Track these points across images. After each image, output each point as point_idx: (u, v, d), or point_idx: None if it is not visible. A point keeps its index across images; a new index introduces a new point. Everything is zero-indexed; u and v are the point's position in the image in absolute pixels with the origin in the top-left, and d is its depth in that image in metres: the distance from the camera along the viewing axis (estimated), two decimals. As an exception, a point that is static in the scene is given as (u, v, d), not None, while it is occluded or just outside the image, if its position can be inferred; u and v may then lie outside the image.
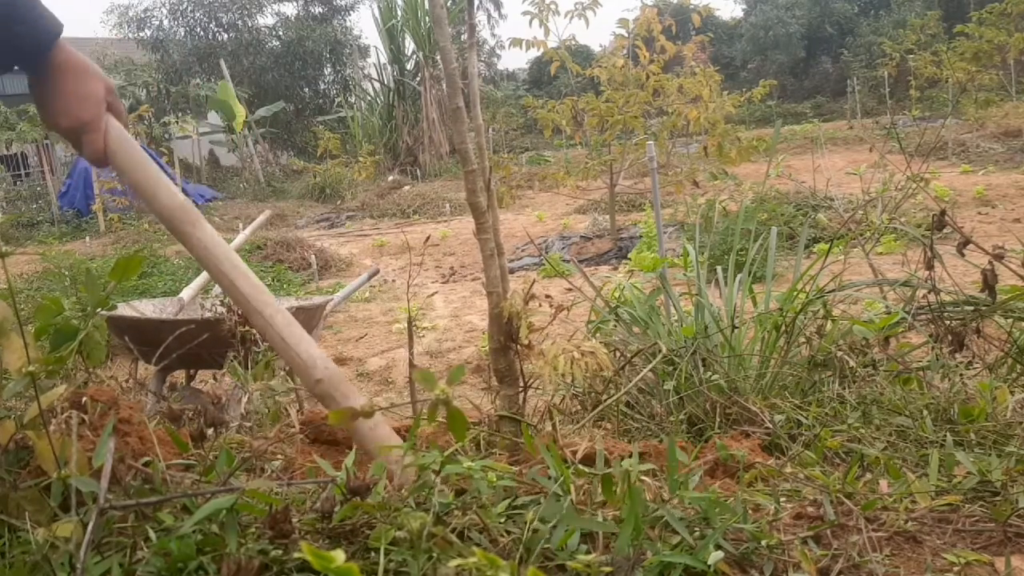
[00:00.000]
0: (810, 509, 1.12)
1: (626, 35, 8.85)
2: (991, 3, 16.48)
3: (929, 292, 2.16)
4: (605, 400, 2.06)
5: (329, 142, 17.90)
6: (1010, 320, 2.07)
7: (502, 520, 0.99)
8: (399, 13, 21.92)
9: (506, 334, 1.67)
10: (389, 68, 22.62)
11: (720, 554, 0.94)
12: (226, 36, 26.08)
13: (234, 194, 19.32)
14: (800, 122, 23.26)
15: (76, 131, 1.24)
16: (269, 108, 22.58)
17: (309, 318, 3.34)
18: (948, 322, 2.08)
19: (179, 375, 3.40)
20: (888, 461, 1.33)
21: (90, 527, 0.82)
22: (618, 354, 2.45)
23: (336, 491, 0.99)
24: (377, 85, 23.13)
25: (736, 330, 2.47)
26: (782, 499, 1.17)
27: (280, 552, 0.87)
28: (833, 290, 2.36)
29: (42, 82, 1.24)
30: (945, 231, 2.18)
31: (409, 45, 22.35)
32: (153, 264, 8.33)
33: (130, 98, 22.25)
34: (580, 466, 1.18)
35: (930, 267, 2.16)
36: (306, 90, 27.34)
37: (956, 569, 0.99)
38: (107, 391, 1.30)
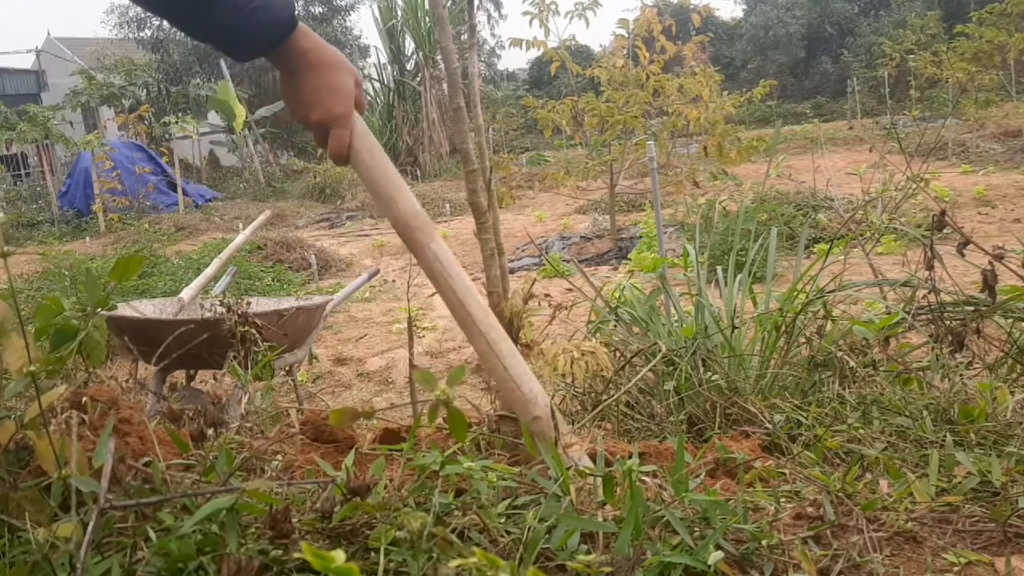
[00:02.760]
0: (810, 509, 1.12)
1: (626, 35, 8.85)
2: (991, 3, 16.49)
3: (929, 292, 2.16)
4: (605, 400, 2.06)
5: (329, 142, 17.85)
6: (1010, 320, 2.07)
7: (502, 520, 0.99)
8: (399, 13, 21.93)
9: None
10: (389, 68, 22.63)
11: (720, 554, 0.94)
12: (226, 36, 26.05)
13: (234, 194, 19.31)
14: (800, 122, 23.26)
15: (326, 125, 1.20)
16: (269, 108, 22.56)
17: (309, 318, 3.34)
18: (948, 322, 2.08)
19: (179, 375, 3.40)
20: (888, 461, 1.33)
21: (90, 527, 0.82)
22: (618, 354, 2.45)
23: (336, 491, 0.99)
24: (377, 85, 23.13)
25: (736, 330, 2.47)
26: (782, 499, 1.17)
27: (280, 552, 0.87)
28: (833, 290, 2.36)
29: (289, 71, 1.19)
30: (945, 231, 2.18)
31: (409, 45, 22.36)
32: (153, 264, 8.32)
33: (130, 98, 22.25)
34: (580, 467, 1.18)
35: (930, 267, 2.16)
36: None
37: (956, 569, 0.99)
38: (107, 391, 1.30)
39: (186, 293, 3.67)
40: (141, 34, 25.90)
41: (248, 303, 2.47)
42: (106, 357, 1.36)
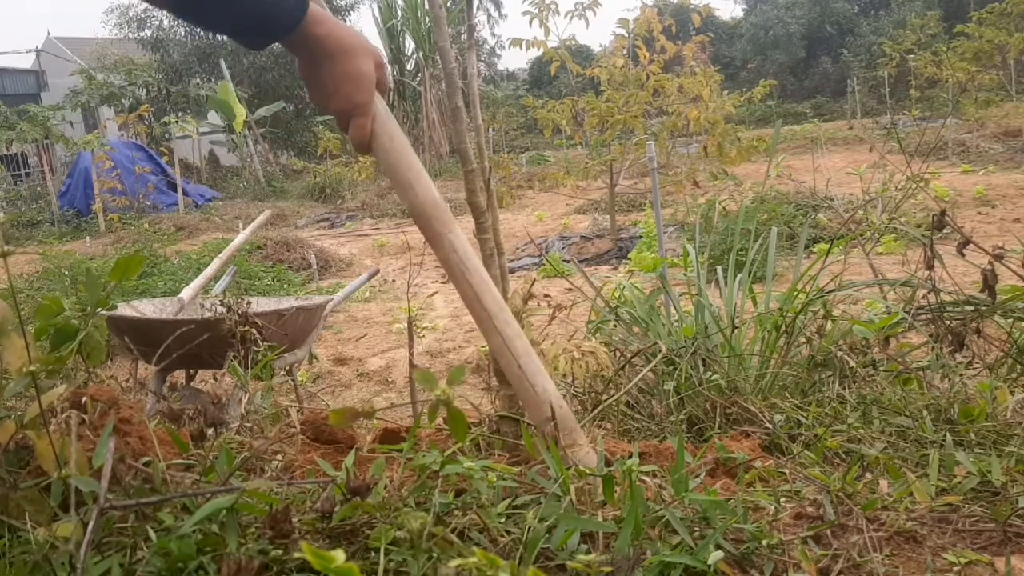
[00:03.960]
0: (810, 509, 1.12)
1: (626, 35, 8.85)
2: (991, 3, 16.51)
3: (929, 292, 2.16)
4: (605, 400, 2.06)
5: (329, 142, 17.91)
6: (1010, 320, 2.07)
7: (502, 520, 0.99)
8: (399, 13, 21.95)
9: (506, 334, 1.67)
10: (389, 68, 22.62)
11: (720, 554, 0.94)
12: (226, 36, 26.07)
13: (234, 194, 19.32)
14: (800, 122, 23.26)
15: (347, 113, 1.19)
16: (269, 108, 22.57)
17: (309, 318, 3.34)
18: (948, 322, 2.08)
19: (179, 375, 3.40)
20: (888, 461, 1.33)
21: (90, 527, 0.82)
22: (618, 354, 2.45)
23: (336, 491, 0.99)
24: (377, 85, 23.10)
25: (736, 330, 2.47)
26: (782, 499, 1.17)
27: (280, 552, 0.87)
28: (833, 290, 2.36)
29: (308, 59, 1.17)
30: (945, 231, 2.18)
31: (409, 45, 22.39)
32: (153, 264, 8.32)
33: (130, 98, 22.25)
34: (582, 467, 1.18)
35: (930, 267, 2.16)
36: (306, 90, 27.34)
37: (956, 569, 0.99)
38: (107, 391, 1.30)
39: (186, 293, 3.67)
40: (141, 34, 25.91)
41: (248, 303, 2.47)
42: (106, 357, 1.36)
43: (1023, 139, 13.07)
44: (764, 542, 1.00)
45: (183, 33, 25.65)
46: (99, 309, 1.26)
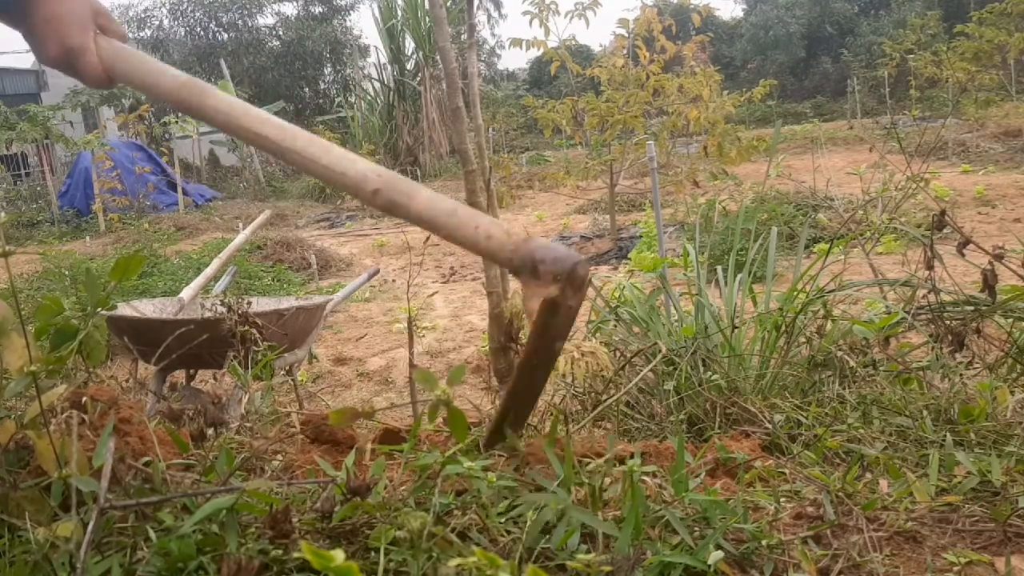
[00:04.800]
0: (810, 509, 1.12)
1: (626, 35, 8.85)
2: (991, 3, 16.51)
3: (929, 292, 2.16)
4: (605, 400, 2.06)
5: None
6: (1010, 320, 2.07)
7: (502, 520, 0.99)
8: (399, 13, 21.92)
9: (506, 334, 1.67)
10: (389, 68, 22.62)
11: (720, 554, 0.94)
12: (226, 36, 26.11)
13: (234, 194, 19.32)
14: (800, 122, 23.25)
15: (67, 59, 1.15)
16: (269, 108, 22.44)
17: (309, 318, 3.34)
18: (948, 322, 2.08)
19: (179, 375, 3.40)
20: (888, 461, 1.33)
21: (90, 527, 0.82)
22: (618, 354, 2.45)
23: (336, 491, 0.99)
24: (377, 85, 23.13)
25: (736, 330, 2.47)
26: (782, 499, 1.17)
27: (280, 552, 0.87)
28: (833, 290, 2.36)
29: (22, 13, 1.14)
30: (945, 231, 2.18)
31: (409, 45, 22.35)
32: (153, 264, 8.32)
33: (130, 98, 22.24)
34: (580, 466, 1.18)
35: (930, 267, 2.16)
36: (306, 90, 27.37)
37: (956, 569, 0.99)
38: (107, 391, 1.30)
39: (186, 293, 3.67)
40: (141, 34, 25.93)
41: (248, 303, 2.47)
42: (106, 357, 1.36)
43: (1023, 139, 13.07)
44: (764, 542, 1.00)
45: (183, 33, 25.66)
46: (99, 309, 1.26)
